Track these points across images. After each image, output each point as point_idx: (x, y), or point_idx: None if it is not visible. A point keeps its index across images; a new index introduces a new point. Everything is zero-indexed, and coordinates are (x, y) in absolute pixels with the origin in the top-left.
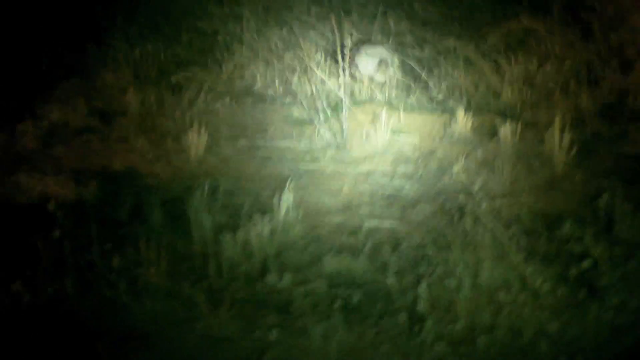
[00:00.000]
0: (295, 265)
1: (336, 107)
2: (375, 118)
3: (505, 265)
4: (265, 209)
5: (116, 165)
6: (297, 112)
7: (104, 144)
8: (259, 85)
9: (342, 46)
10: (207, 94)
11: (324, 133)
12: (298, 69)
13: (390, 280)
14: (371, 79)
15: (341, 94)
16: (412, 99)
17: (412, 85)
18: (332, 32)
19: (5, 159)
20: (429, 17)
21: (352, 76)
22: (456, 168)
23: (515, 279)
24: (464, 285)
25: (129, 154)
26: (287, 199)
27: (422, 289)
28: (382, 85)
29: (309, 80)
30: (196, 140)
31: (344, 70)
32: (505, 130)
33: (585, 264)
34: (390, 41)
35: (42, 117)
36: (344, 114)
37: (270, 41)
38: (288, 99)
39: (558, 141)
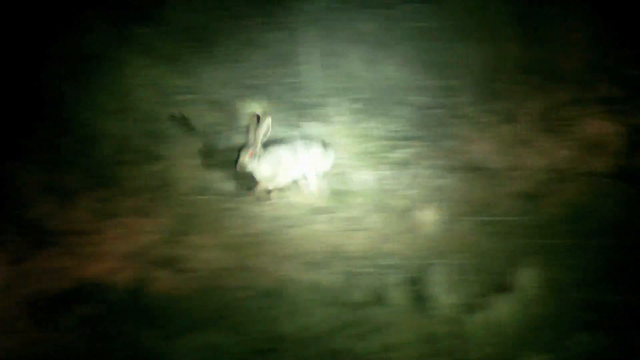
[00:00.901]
0: (546, 344)
1: (561, 179)
2: None
3: None
4: (507, 286)
5: (350, 246)
6: (521, 185)
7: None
8: (480, 158)
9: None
10: (431, 169)
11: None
12: (515, 140)
13: None
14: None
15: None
16: None
17: None
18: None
19: None
20: None
21: None
22: None
23: None
24: None
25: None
26: (529, 275)
27: None
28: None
29: (527, 152)
30: (428, 217)
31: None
32: None
33: None
34: None
35: None
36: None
37: (487, 113)
38: (511, 172)
39: None
